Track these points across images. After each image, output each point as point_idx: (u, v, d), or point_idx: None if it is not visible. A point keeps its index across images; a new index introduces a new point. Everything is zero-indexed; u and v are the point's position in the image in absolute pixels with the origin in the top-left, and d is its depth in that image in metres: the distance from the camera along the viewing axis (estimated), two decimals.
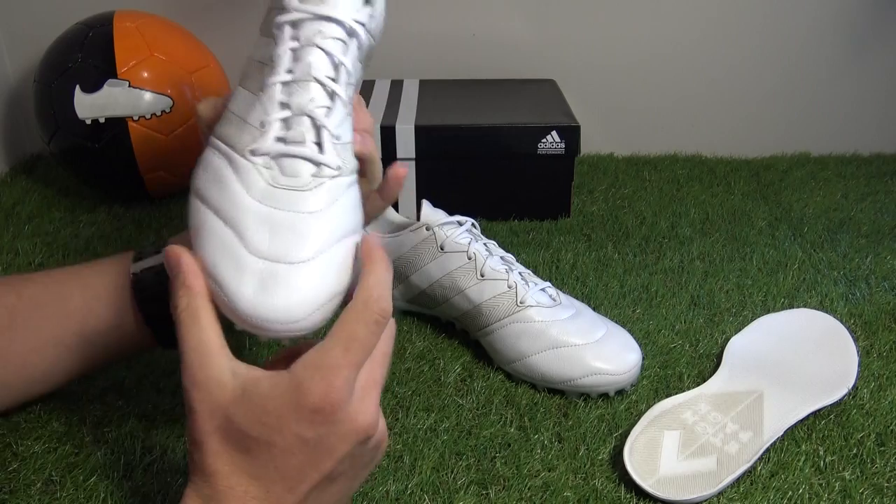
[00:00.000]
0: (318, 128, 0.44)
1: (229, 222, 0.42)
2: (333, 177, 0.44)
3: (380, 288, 0.42)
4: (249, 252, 0.41)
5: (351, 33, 0.45)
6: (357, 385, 0.41)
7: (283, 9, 0.44)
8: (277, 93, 0.44)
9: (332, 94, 0.44)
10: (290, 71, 0.44)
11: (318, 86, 0.44)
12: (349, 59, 0.45)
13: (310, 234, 0.42)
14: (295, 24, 0.44)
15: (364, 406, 0.42)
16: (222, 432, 0.41)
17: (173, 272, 0.43)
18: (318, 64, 0.44)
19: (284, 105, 0.44)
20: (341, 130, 0.45)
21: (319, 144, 0.44)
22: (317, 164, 0.44)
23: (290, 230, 0.42)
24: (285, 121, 0.44)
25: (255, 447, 0.41)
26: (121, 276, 0.57)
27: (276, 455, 0.41)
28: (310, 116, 0.44)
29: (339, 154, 0.45)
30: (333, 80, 0.44)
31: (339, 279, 0.43)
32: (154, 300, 0.56)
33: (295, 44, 0.44)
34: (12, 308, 0.56)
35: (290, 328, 0.41)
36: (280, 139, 0.43)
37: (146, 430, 0.59)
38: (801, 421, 0.60)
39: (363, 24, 0.45)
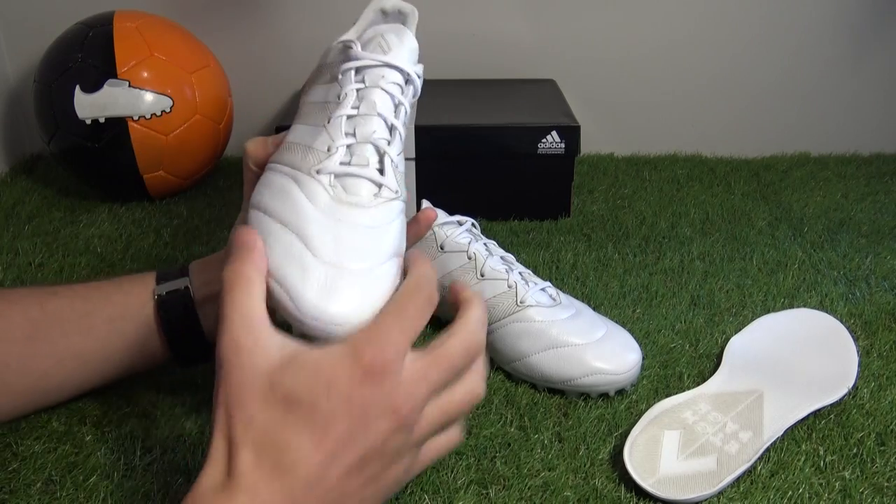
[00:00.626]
0: (380, 154, 0.49)
1: (294, 230, 0.45)
2: (391, 199, 0.48)
3: (427, 277, 0.44)
4: (315, 256, 0.44)
5: (407, 80, 0.52)
6: (407, 369, 0.41)
7: (348, 59, 0.51)
8: (343, 124, 0.49)
9: (391, 128, 0.50)
10: (355, 107, 0.50)
11: (381, 120, 0.49)
12: (406, 100, 0.51)
13: (370, 247, 0.46)
14: (360, 70, 0.51)
15: (410, 392, 0.41)
16: (263, 400, 0.39)
17: (236, 245, 0.44)
18: (382, 102, 0.50)
19: (349, 134, 0.49)
20: (398, 160, 0.50)
21: (381, 169, 0.49)
22: (378, 185, 0.48)
23: (352, 240, 0.45)
24: (350, 147, 0.49)
25: (298, 412, 0.39)
26: (144, 296, 0.58)
27: (319, 420, 0.39)
28: (373, 144, 0.49)
29: (397, 180, 0.49)
30: (394, 115, 0.50)
31: (388, 292, 0.45)
32: (177, 321, 0.58)
33: (360, 85, 0.50)
34: (36, 321, 0.57)
35: (345, 330, 0.43)
36: (344, 163, 0.48)
37: (146, 430, 0.59)
38: (801, 421, 0.60)
39: (417, 74, 0.52)
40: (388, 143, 0.49)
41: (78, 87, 0.88)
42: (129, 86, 0.89)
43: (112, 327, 0.58)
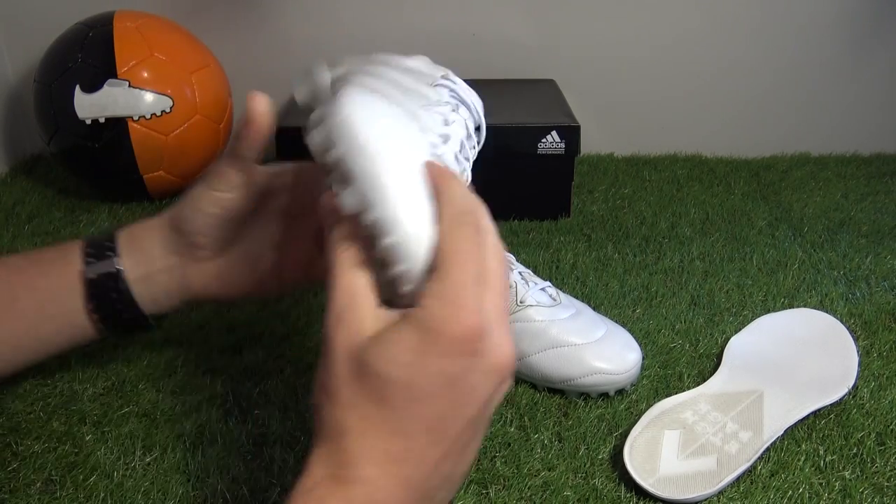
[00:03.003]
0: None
1: None
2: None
3: (462, 196, 0.40)
4: None
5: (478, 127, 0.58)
6: (487, 315, 0.37)
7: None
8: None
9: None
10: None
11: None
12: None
13: None
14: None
15: (500, 338, 0.38)
16: (357, 381, 0.37)
17: (333, 221, 0.41)
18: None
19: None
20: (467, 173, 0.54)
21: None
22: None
23: None
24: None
25: (393, 394, 0.37)
26: (71, 276, 0.56)
27: (417, 401, 0.36)
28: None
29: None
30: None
31: None
32: (110, 303, 0.57)
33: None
34: None
35: None
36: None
37: (146, 430, 0.59)
38: (801, 421, 0.60)
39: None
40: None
41: (78, 87, 0.88)
42: (129, 86, 0.89)
43: (39, 310, 0.56)
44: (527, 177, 0.93)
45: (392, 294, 0.41)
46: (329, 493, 0.36)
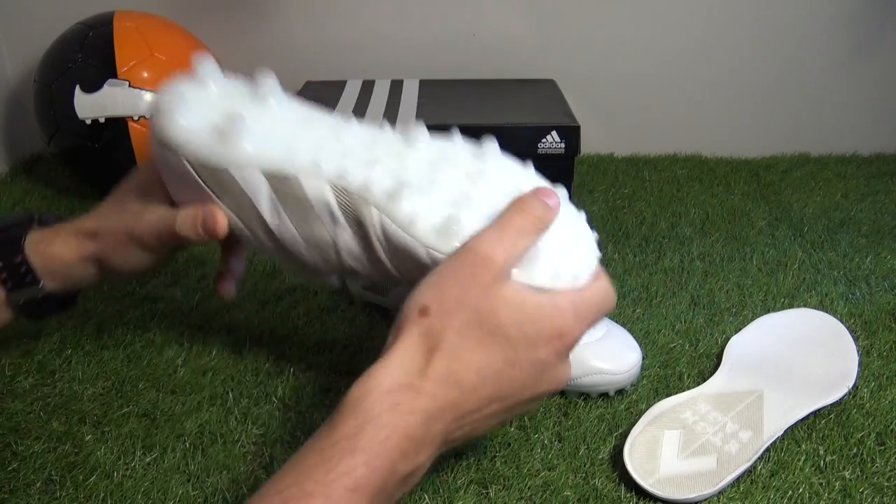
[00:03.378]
0: None
1: None
2: None
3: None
4: None
5: None
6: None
7: None
8: None
9: None
10: None
11: None
12: None
13: None
14: None
15: (570, 360, 0.48)
16: (478, 316, 0.43)
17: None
18: None
19: None
20: None
21: None
22: None
23: None
24: None
25: (497, 347, 0.43)
26: None
27: (510, 365, 0.43)
28: None
29: None
30: None
31: None
32: (29, 305, 0.58)
33: None
34: None
35: None
36: None
37: (146, 430, 0.59)
38: (801, 421, 0.60)
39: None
40: None
41: (78, 87, 0.88)
42: (129, 86, 0.89)
43: None
44: None
45: None
46: (405, 400, 0.41)
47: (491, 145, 0.53)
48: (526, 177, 0.52)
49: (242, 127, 0.50)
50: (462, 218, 0.47)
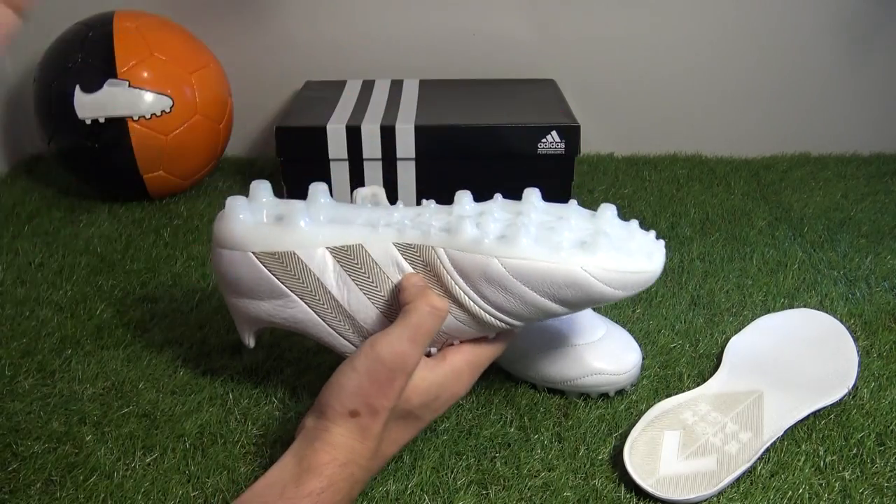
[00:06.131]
0: None
1: None
2: None
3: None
4: None
5: None
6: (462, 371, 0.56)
7: None
8: None
9: None
10: None
11: None
12: None
13: None
14: None
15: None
16: (404, 402, 0.51)
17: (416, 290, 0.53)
18: None
19: None
20: None
21: None
22: None
23: None
24: None
25: (409, 426, 0.53)
26: None
27: (417, 429, 0.54)
28: None
29: None
30: None
31: None
32: None
33: None
34: None
35: None
36: None
37: (146, 431, 0.59)
38: (801, 421, 0.60)
39: None
40: None
41: (78, 87, 0.88)
42: (129, 86, 0.89)
43: None
44: (527, 177, 0.92)
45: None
46: (355, 441, 0.50)
47: (532, 190, 0.61)
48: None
49: (300, 210, 0.55)
50: (519, 221, 0.54)
